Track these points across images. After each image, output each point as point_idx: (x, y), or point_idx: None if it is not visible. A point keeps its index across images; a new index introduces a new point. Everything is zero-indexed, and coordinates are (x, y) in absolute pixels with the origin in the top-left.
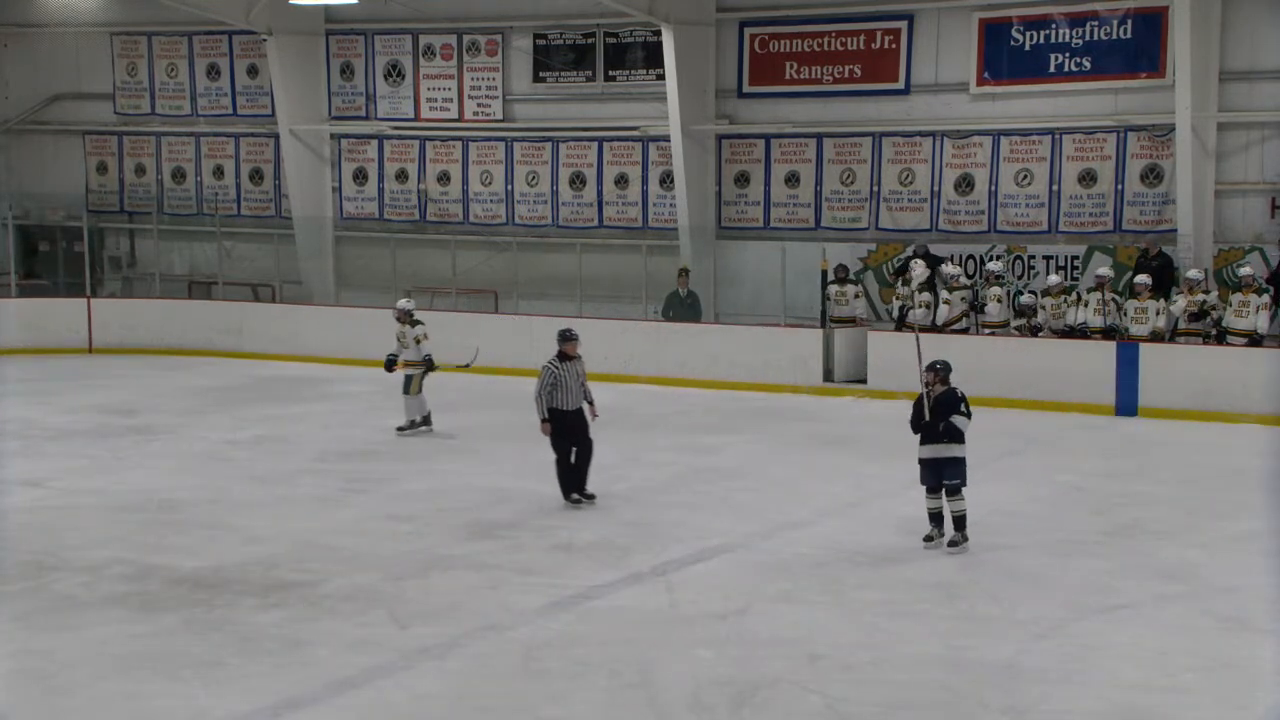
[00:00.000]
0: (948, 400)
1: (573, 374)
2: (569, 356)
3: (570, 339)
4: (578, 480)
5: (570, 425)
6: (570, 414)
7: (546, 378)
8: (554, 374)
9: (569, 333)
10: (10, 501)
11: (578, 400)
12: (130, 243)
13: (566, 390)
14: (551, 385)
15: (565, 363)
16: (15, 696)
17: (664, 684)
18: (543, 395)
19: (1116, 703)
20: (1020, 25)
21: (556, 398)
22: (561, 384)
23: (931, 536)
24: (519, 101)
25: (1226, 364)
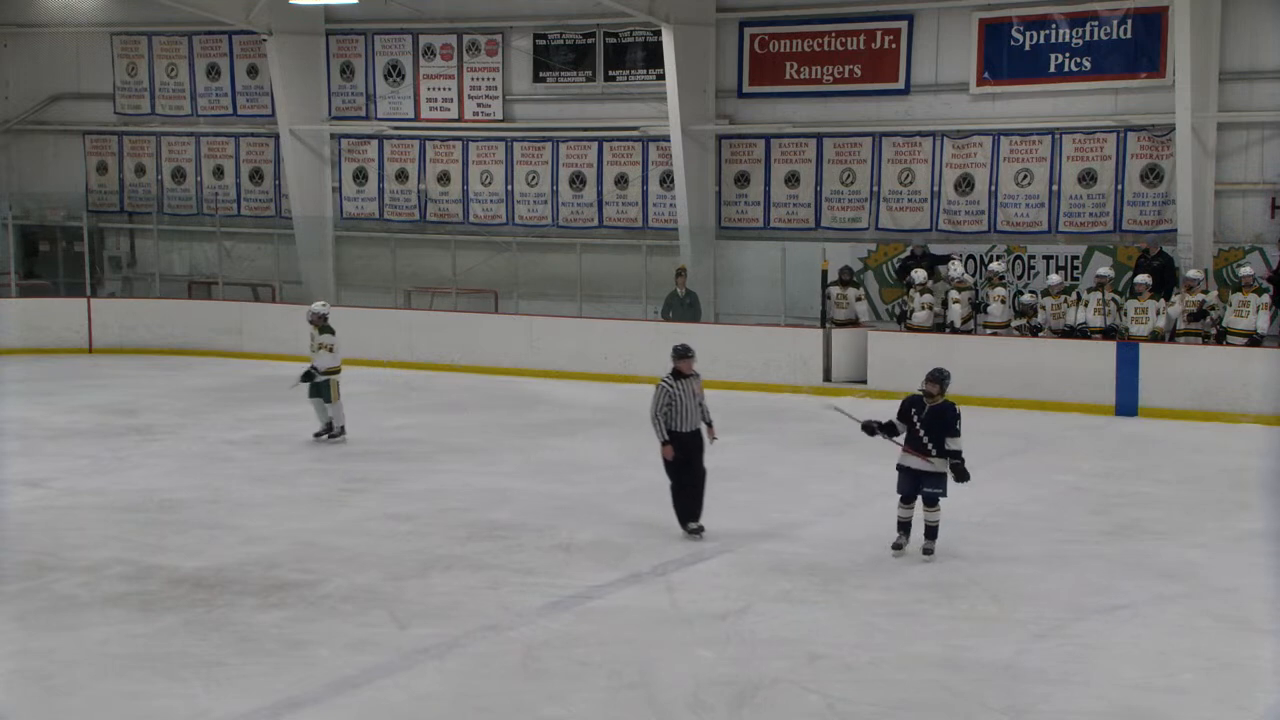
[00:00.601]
0: (943, 414)
1: (688, 393)
2: (684, 374)
3: (685, 355)
4: (694, 508)
5: (686, 448)
6: (686, 436)
7: (661, 398)
8: (669, 393)
9: (684, 349)
10: (10, 501)
11: (695, 421)
12: (130, 243)
13: (683, 410)
14: (667, 405)
15: (680, 381)
16: (15, 696)
17: (664, 684)
18: (659, 416)
19: (1116, 703)
20: (1020, 25)
21: (673, 419)
22: (678, 404)
23: (901, 545)
24: (519, 101)
25: (1226, 364)
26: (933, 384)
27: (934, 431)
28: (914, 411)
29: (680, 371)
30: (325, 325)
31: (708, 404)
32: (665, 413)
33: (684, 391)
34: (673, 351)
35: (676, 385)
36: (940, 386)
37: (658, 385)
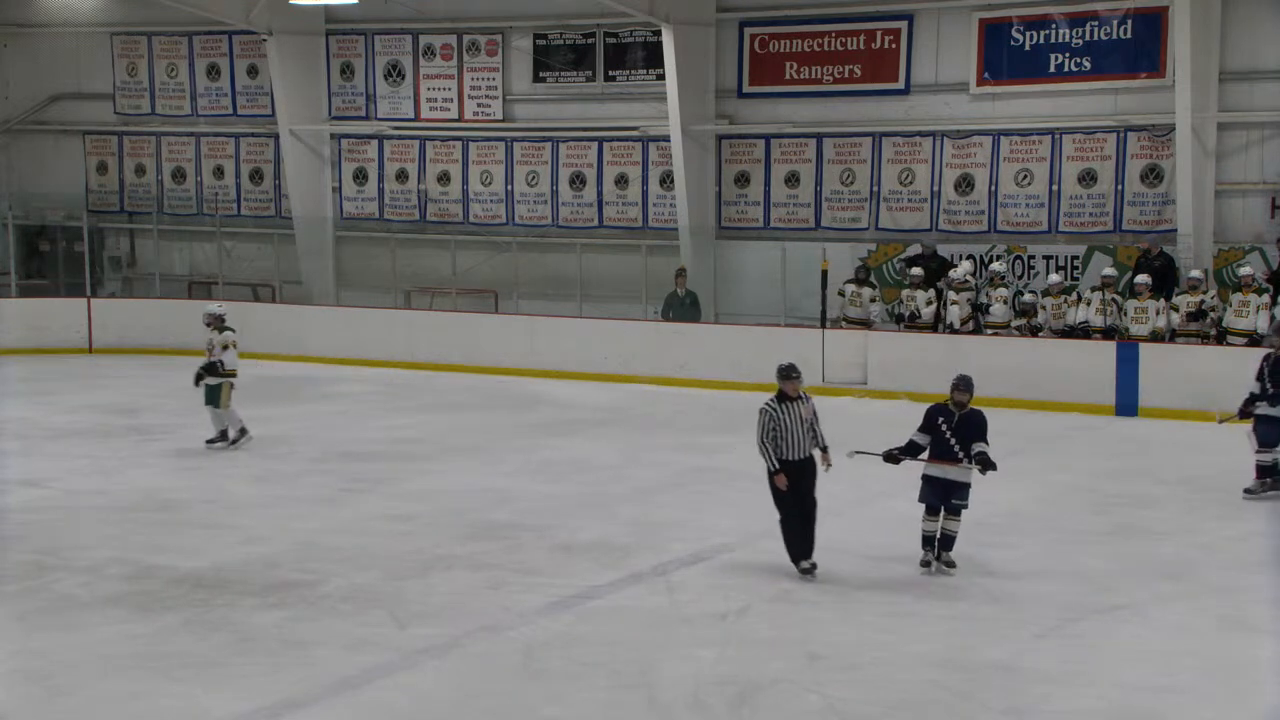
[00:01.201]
0: (975, 422)
1: (795, 417)
2: (789, 396)
3: (789, 376)
4: (806, 545)
5: (795, 477)
6: (794, 465)
7: (766, 423)
8: (774, 418)
9: (788, 369)
10: (10, 501)
11: (805, 448)
12: (130, 243)
13: (790, 436)
14: (773, 431)
15: (786, 404)
16: (15, 696)
17: (664, 684)
18: (767, 442)
19: (1116, 703)
20: (1020, 25)
21: (777, 444)
22: (784, 429)
23: (929, 562)
24: (519, 101)
25: (1226, 364)
26: (964, 393)
27: (964, 438)
28: (941, 420)
29: (785, 394)
30: (223, 325)
31: (821, 428)
32: (772, 440)
33: (790, 416)
34: (777, 372)
35: (781, 409)
36: (970, 394)
37: (760, 409)
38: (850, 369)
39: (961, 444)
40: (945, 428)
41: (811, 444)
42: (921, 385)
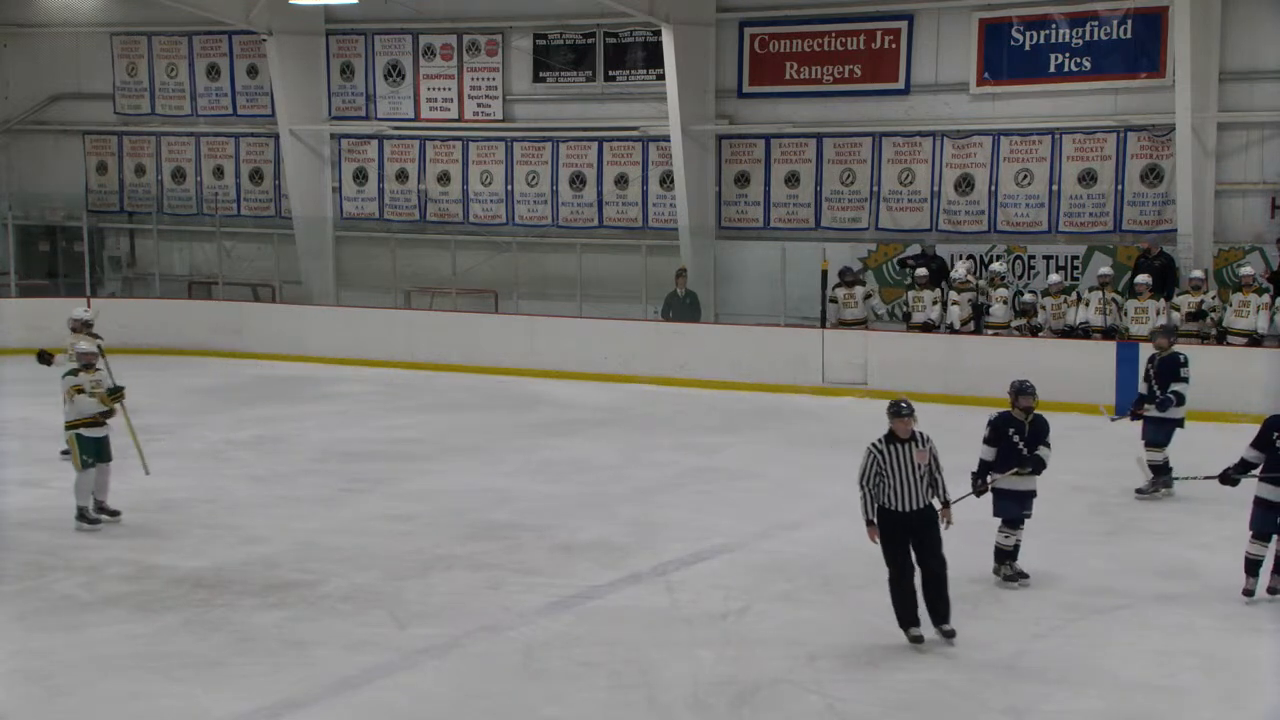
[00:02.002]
0: (1043, 427)
1: (906, 461)
2: (900, 437)
3: (900, 414)
4: (928, 606)
5: (905, 531)
6: (903, 516)
7: (868, 465)
8: (876, 459)
9: (900, 406)
10: (10, 501)
11: (917, 497)
12: (130, 243)
13: (899, 483)
14: (876, 475)
15: (895, 446)
16: (15, 696)
17: (664, 684)
18: (865, 487)
19: (1116, 703)
20: (1020, 25)
21: (884, 491)
22: (890, 473)
23: (1014, 576)
24: (519, 101)
25: (1226, 364)
26: (1032, 398)
27: (1033, 447)
28: (1013, 431)
29: (894, 434)
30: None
31: (944, 476)
32: (875, 483)
33: (898, 459)
34: (887, 409)
35: (888, 450)
36: (1032, 397)
37: (866, 449)
38: (850, 369)
39: (1031, 450)
40: (1018, 438)
41: (929, 494)
42: (921, 385)
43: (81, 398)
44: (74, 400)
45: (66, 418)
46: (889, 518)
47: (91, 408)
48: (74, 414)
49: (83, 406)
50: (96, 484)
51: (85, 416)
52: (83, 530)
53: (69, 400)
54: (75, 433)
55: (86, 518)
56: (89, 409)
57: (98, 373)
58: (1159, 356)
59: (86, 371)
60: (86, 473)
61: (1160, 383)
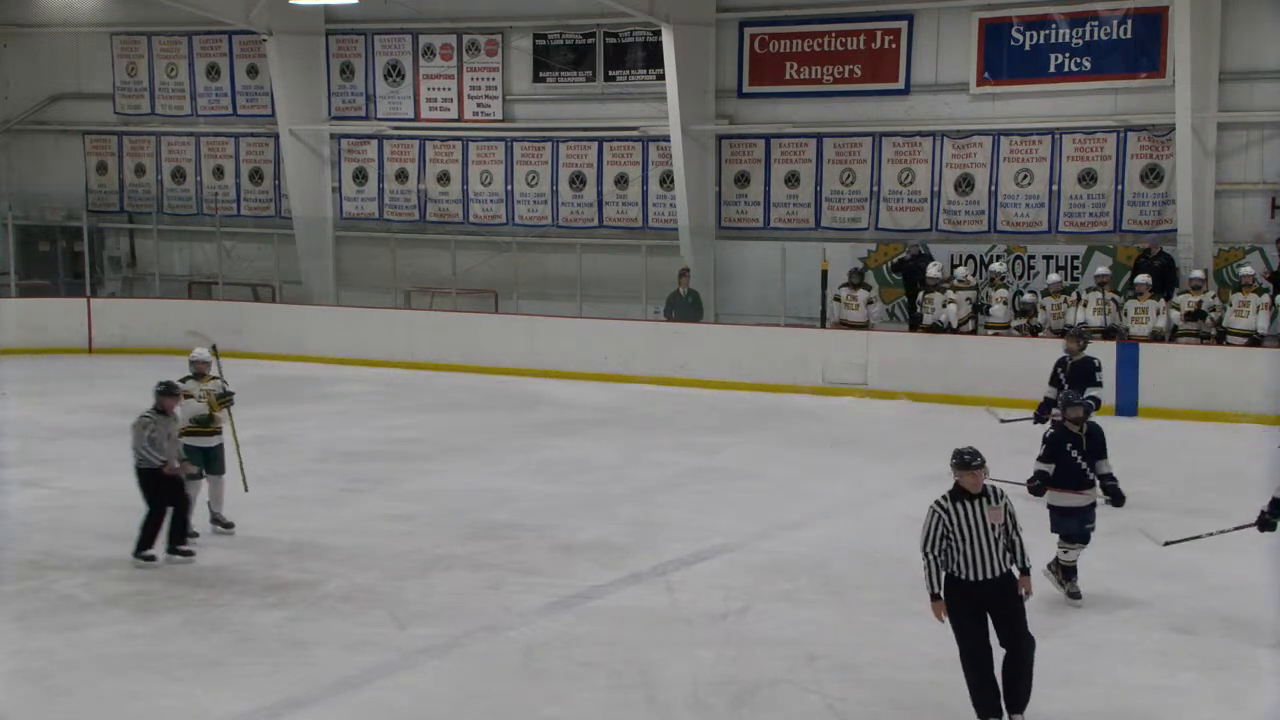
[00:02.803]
0: (1099, 439)
1: (977, 520)
2: (969, 493)
3: (968, 465)
4: (1005, 689)
5: (979, 605)
6: (976, 587)
7: (933, 526)
8: (942, 520)
9: (966, 457)
10: (10, 501)
11: (993, 564)
12: (130, 243)
13: (970, 547)
14: (942, 538)
15: (964, 503)
16: (15, 696)
17: (664, 684)
18: (930, 553)
19: (1116, 703)
20: (1020, 25)
21: (952, 558)
22: (959, 536)
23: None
24: (519, 101)
25: (1226, 364)
26: (1080, 410)
27: (1093, 458)
28: (1070, 446)
29: (963, 489)
30: None
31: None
32: (942, 549)
33: (970, 518)
34: (953, 459)
35: (956, 510)
36: (1085, 409)
37: (930, 508)
38: (850, 369)
39: (1090, 466)
40: (1075, 452)
41: (1006, 559)
42: (921, 385)
43: (189, 402)
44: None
45: None
46: (959, 589)
47: (194, 411)
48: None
49: (187, 411)
50: (211, 495)
51: (187, 424)
52: None
53: None
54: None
55: None
56: (192, 413)
57: (212, 380)
58: (1071, 360)
59: (198, 380)
60: (192, 484)
61: (1074, 387)
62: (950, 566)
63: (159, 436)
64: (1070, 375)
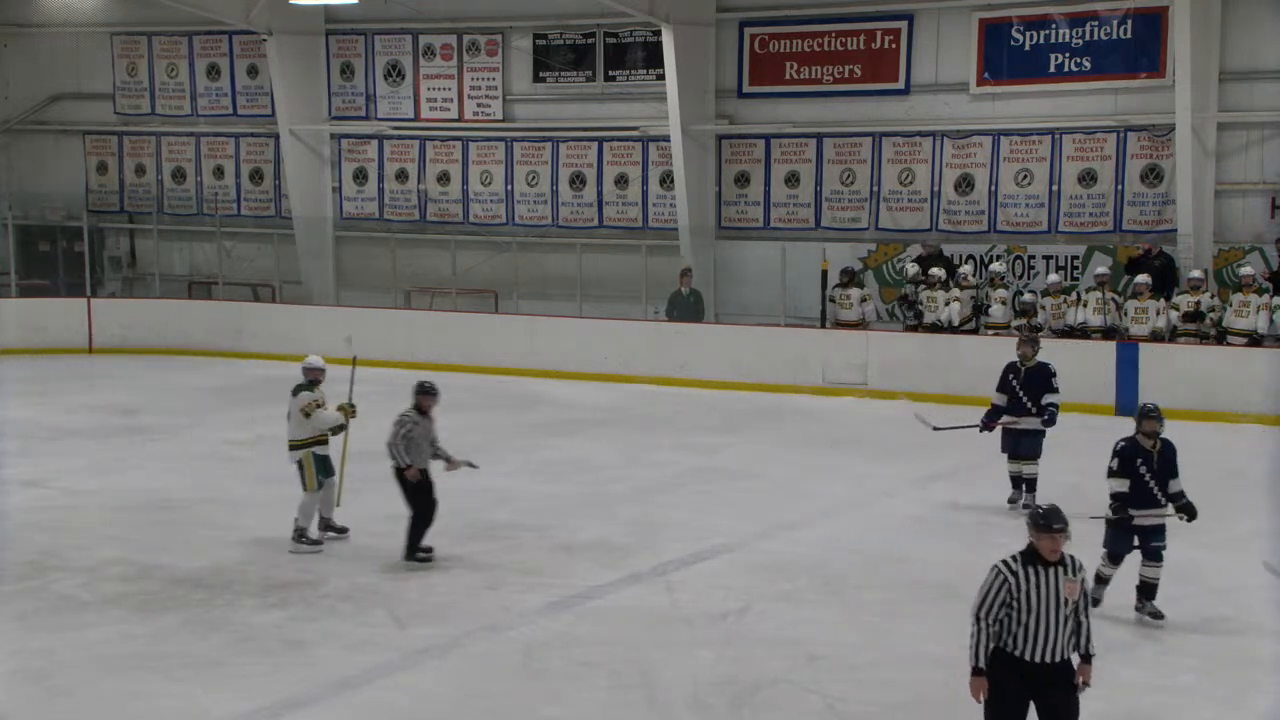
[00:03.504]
0: (1172, 455)
1: (1048, 592)
2: (1042, 559)
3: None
4: None
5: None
6: (1031, 669)
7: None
8: (1008, 585)
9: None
10: (10, 501)
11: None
12: (130, 243)
13: (1036, 621)
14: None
15: (1035, 569)
16: (15, 696)
17: (664, 684)
18: (986, 622)
19: (1116, 703)
20: (1020, 25)
21: (1010, 630)
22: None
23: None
24: (519, 101)
25: (1226, 364)
26: (1154, 421)
27: (1163, 476)
28: (1140, 462)
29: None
30: None
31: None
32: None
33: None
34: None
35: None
36: (1160, 422)
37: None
38: (850, 369)
39: (1160, 484)
40: (1145, 471)
41: (1070, 643)
42: (921, 385)
43: (321, 410)
44: (312, 415)
45: (295, 436)
46: (1011, 666)
47: (330, 420)
48: (307, 430)
49: (319, 420)
50: (323, 501)
51: (319, 432)
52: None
53: (301, 416)
54: (310, 451)
55: (306, 539)
56: (326, 422)
57: None
58: (1025, 367)
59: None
60: (314, 493)
61: (1029, 394)
62: (1004, 639)
63: (417, 436)
64: (1025, 382)
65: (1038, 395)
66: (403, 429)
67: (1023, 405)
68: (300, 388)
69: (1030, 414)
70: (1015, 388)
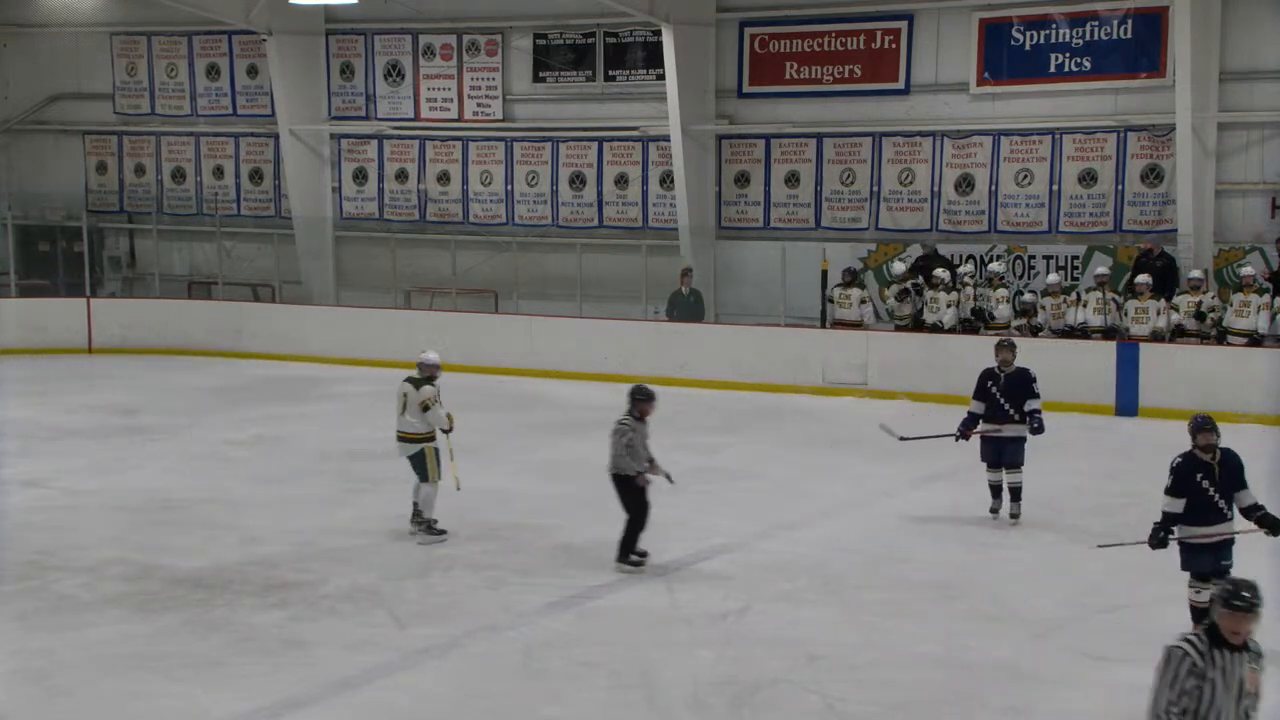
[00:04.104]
0: (1235, 466)
1: (1229, 677)
2: (1229, 642)
3: (1244, 607)
4: None
5: None
6: None
7: (1183, 674)
8: (1194, 666)
9: (1246, 595)
10: (10, 501)
11: None
12: (130, 243)
13: (1212, 711)
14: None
15: (1221, 653)
16: (15, 696)
17: (664, 684)
18: (1171, 713)
19: (1116, 703)
20: (1020, 25)
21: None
22: (1207, 698)
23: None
24: (519, 101)
25: (1226, 364)
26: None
27: (1228, 489)
28: (1202, 477)
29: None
30: None
31: None
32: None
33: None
34: (1221, 596)
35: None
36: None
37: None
38: (850, 369)
39: (1225, 495)
40: (1208, 484)
41: None
42: (921, 385)
43: (438, 407)
44: (430, 410)
45: (410, 429)
46: None
47: (442, 420)
48: (423, 424)
49: (434, 417)
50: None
51: (431, 429)
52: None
53: (418, 409)
54: (432, 445)
55: (434, 530)
56: (439, 420)
57: None
58: (1004, 374)
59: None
60: (437, 484)
61: (1011, 401)
62: None
63: (636, 442)
64: (1006, 389)
65: (1019, 402)
66: (624, 437)
67: (1004, 412)
68: (419, 381)
69: (1013, 421)
70: (995, 395)
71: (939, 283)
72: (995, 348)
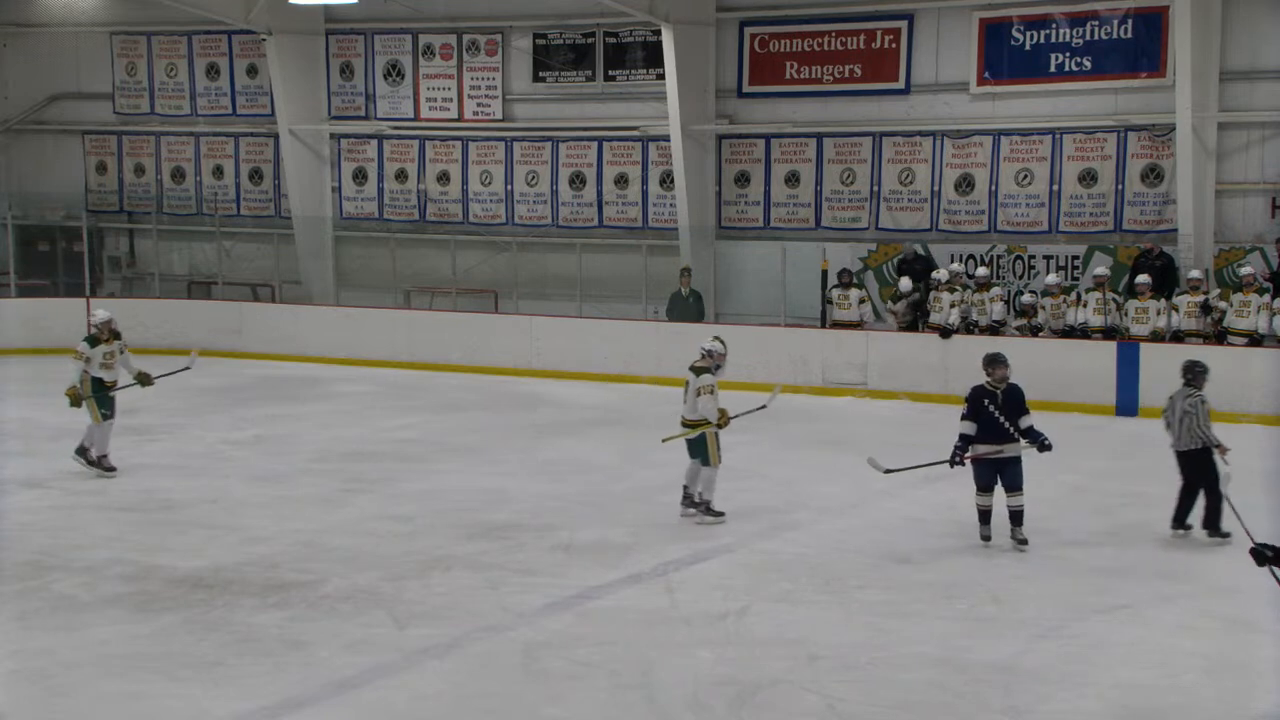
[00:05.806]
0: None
1: None
2: None
3: None
4: None
5: None
6: None
7: None
8: None
9: None
10: (10, 501)
11: None
12: (130, 243)
13: None
14: None
15: None
16: (15, 696)
17: (664, 684)
18: None
19: (1116, 703)
20: (1020, 25)
21: None
22: None
23: None
24: (519, 101)
25: (1226, 364)
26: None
27: (1012, 414)
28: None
29: None
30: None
31: None
32: None
33: None
34: None
35: None
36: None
37: None
38: (850, 369)
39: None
40: (994, 409)
41: None
42: (921, 385)
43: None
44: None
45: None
46: None
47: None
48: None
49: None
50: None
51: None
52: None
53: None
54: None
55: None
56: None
57: None
58: (999, 390)
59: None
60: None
61: (1009, 418)
62: None
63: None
64: (1004, 407)
65: (1015, 419)
66: (1202, 409)
67: (1004, 432)
68: (702, 370)
69: (1014, 440)
70: (994, 414)
71: (938, 283)
72: (987, 364)
